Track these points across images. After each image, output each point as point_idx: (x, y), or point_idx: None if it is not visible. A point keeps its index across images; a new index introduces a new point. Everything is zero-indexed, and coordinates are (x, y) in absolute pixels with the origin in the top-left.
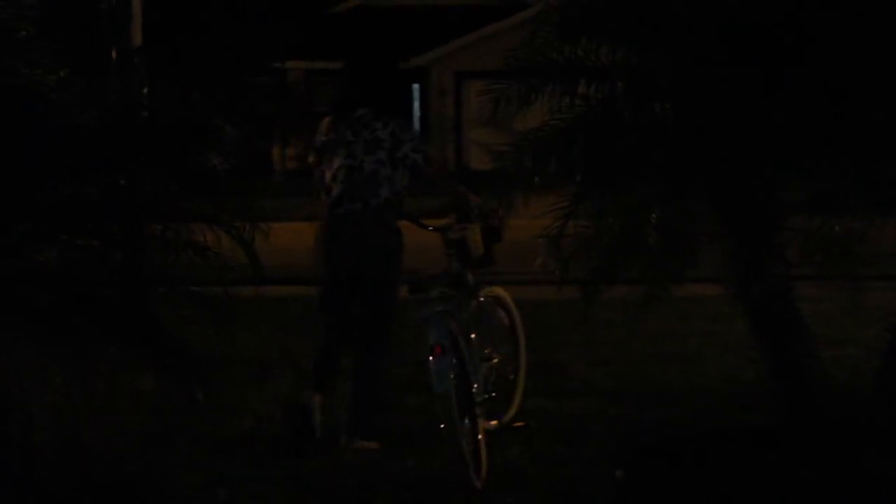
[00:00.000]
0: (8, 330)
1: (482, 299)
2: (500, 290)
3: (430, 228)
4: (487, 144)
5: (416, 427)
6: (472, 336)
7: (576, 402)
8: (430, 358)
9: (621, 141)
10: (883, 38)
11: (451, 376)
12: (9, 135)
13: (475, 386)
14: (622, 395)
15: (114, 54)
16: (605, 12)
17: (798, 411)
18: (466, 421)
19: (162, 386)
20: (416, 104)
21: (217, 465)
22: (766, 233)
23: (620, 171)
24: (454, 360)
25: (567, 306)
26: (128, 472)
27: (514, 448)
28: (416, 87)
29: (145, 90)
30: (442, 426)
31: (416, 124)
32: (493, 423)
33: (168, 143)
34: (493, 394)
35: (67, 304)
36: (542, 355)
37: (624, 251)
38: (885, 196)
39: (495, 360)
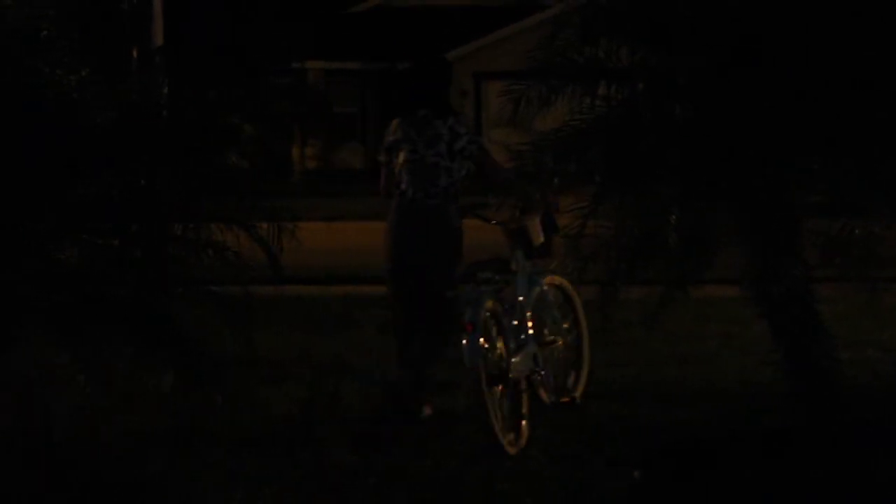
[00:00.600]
0: (28, 329)
1: (545, 287)
2: (560, 279)
3: (493, 222)
4: (507, 145)
5: (432, 427)
6: (530, 319)
7: (593, 402)
8: (463, 336)
9: (642, 142)
10: (883, 39)
11: (481, 352)
12: (31, 134)
13: (513, 362)
14: (639, 395)
15: (134, 54)
16: (623, 14)
17: (816, 413)
18: (500, 392)
19: (179, 385)
20: None
21: (234, 465)
22: (785, 234)
23: (641, 172)
24: (487, 338)
25: (585, 306)
26: (145, 470)
27: (531, 448)
28: None
29: (165, 90)
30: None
31: None
32: (564, 399)
33: (188, 142)
34: (542, 371)
35: (87, 304)
36: None
37: (643, 252)
38: (892, 196)
39: (560, 343)
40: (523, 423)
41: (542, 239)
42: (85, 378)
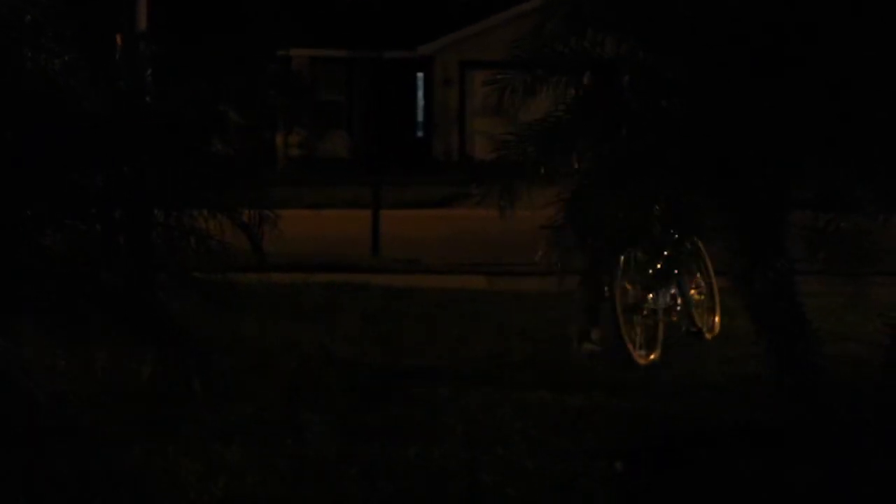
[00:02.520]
0: (12, 315)
1: (689, 244)
2: (695, 238)
3: None
4: (491, 134)
5: (417, 416)
6: (673, 267)
7: (577, 394)
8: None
9: (632, 138)
10: (883, 39)
11: (618, 287)
12: (17, 121)
13: (650, 297)
14: (623, 387)
15: (119, 40)
16: (613, 7)
17: (800, 407)
18: (635, 317)
19: (162, 373)
20: (420, 93)
21: (218, 453)
22: (770, 228)
23: (627, 165)
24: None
25: (568, 298)
26: (129, 458)
27: (515, 438)
28: (420, 75)
29: (149, 76)
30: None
31: (420, 113)
32: (707, 334)
33: (173, 129)
34: (679, 307)
35: (71, 291)
36: (542, 347)
37: (628, 243)
38: (890, 194)
39: (701, 287)
40: (657, 343)
41: None
42: (67, 364)
